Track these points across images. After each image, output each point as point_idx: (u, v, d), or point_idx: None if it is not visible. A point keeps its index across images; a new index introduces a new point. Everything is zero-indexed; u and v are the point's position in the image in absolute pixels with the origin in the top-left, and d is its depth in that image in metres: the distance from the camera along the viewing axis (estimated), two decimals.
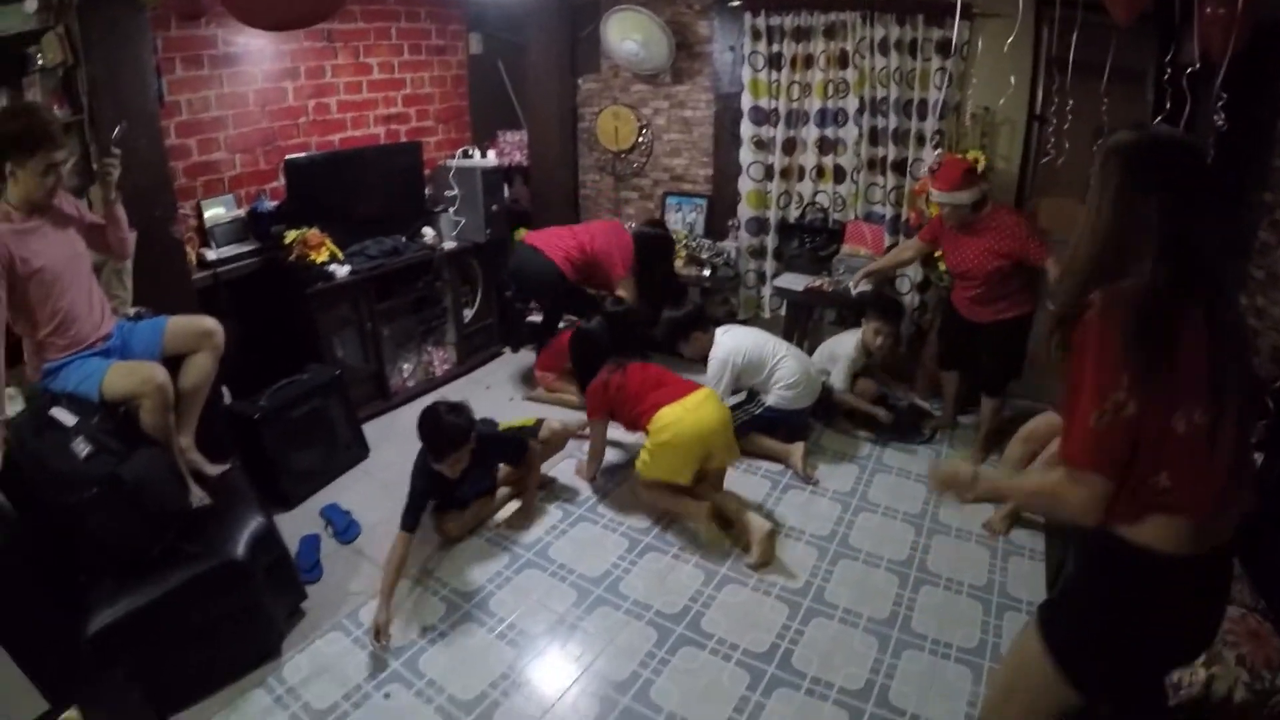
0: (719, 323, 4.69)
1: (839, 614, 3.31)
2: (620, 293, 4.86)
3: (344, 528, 3.86)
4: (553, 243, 4.97)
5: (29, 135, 2.76)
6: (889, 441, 4.69)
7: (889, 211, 5.01)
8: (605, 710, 2.90)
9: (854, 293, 4.73)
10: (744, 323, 5.18)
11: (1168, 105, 3.51)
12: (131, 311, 3.52)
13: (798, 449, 4.38)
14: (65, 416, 2.83)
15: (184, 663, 2.90)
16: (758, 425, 4.44)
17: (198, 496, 3.16)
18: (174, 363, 3.25)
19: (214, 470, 3.39)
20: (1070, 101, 3.75)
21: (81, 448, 2.76)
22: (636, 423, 3.93)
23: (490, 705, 2.93)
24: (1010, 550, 3.68)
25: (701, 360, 4.48)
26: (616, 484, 4.32)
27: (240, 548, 2.96)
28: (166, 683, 2.85)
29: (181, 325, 3.32)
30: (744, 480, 4.29)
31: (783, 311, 5.39)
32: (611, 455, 4.51)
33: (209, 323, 3.35)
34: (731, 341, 4.37)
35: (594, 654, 3.15)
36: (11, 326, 2.91)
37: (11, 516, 2.69)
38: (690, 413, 3.76)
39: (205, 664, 2.95)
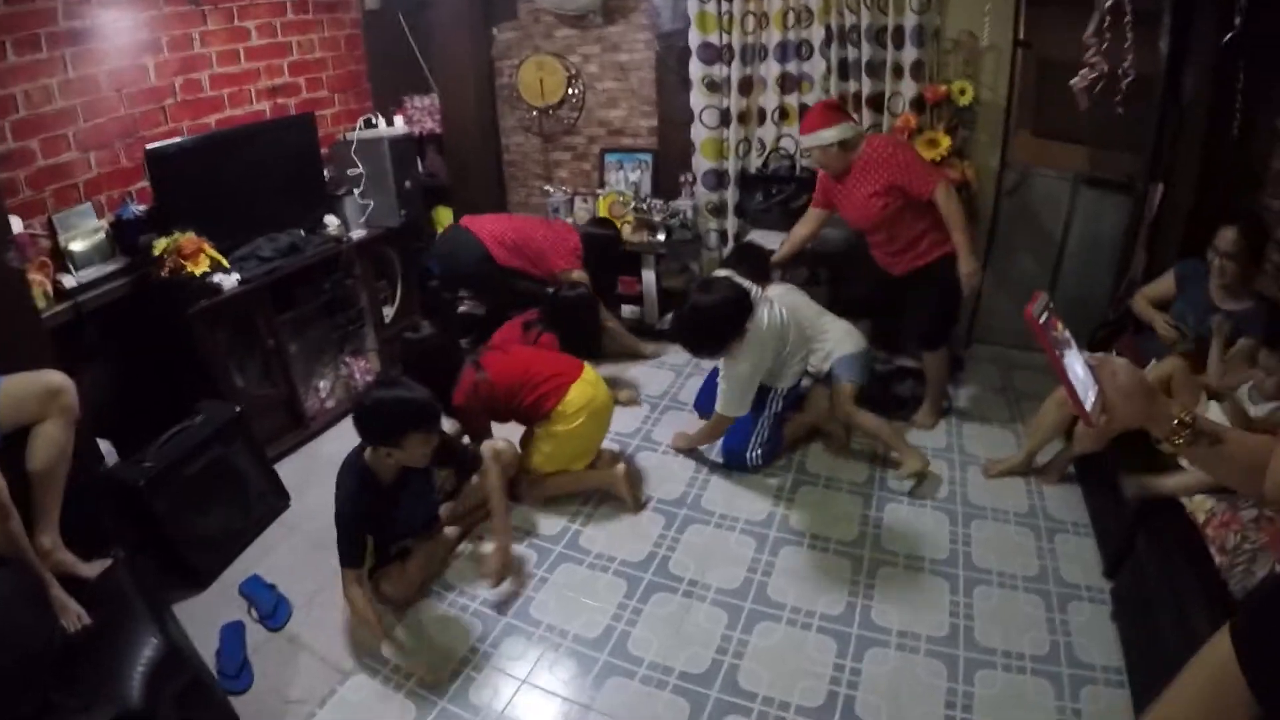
0: None
1: (894, 638, 2.84)
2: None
3: (271, 609, 3.14)
4: (484, 225, 4.50)
5: None
6: None
7: None
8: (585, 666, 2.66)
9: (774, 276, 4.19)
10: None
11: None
12: None
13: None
14: None
15: None
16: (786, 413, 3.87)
17: (74, 617, 2.44)
18: (20, 438, 2.56)
19: (92, 571, 2.67)
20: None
21: None
22: (536, 410, 3.52)
23: None
24: (1053, 528, 3.33)
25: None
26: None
27: (135, 687, 2.23)
28: None
29: (17, 389, 2.58)
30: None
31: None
32: None
33: (53, 379, 2.62)
34: (758, 354, 3.52)
35: None
36: None
37: None
38: (596, 385, 3.59)
39: None
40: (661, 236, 4.82)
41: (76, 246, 3.59)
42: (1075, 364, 1.43)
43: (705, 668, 2.74)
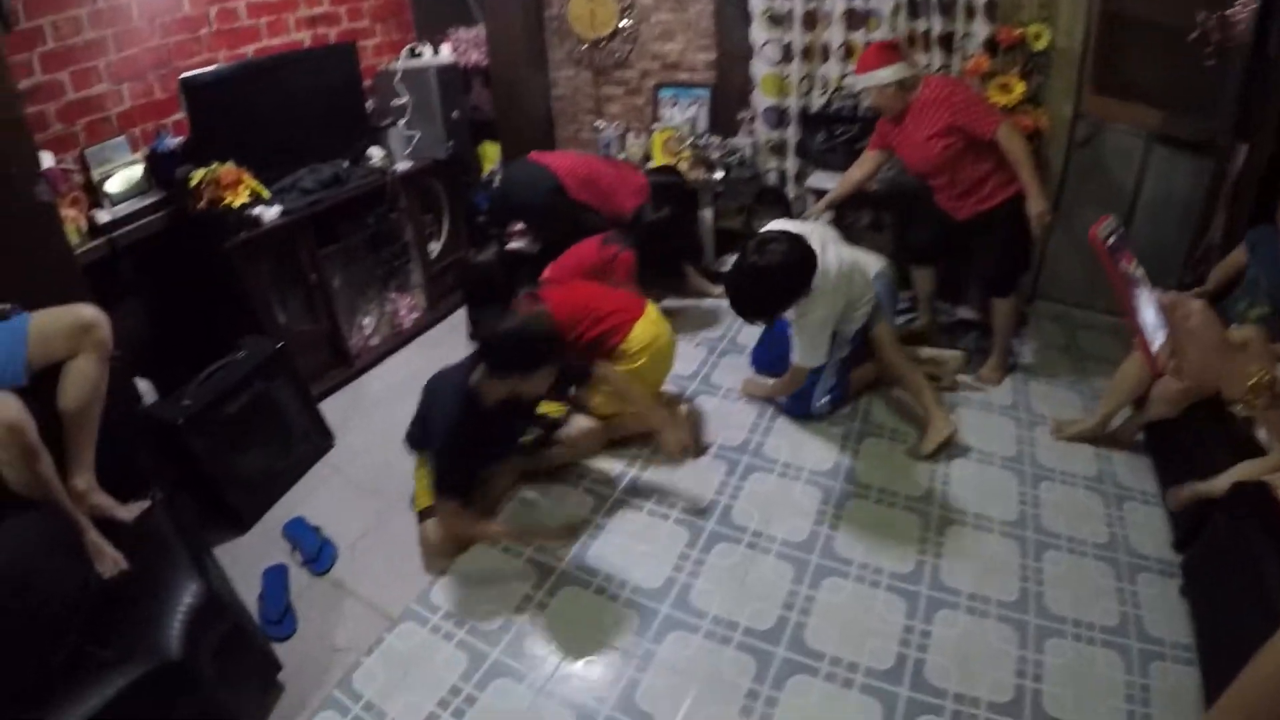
0: None
1: (964, 600, 2.70)
2: None
3: (315, 553, 3.00)
4: (554, 158, 4.30)
5: None
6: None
7: None
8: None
9: (814, 220, 3.88)
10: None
11: None
12: None
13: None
14: None
15: None
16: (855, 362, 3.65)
17: (110, 562, 2.29)
18: (52, 377, 2.39)
19: (130, 513, 2.52)
20: None
21: None
22: (600, 346, 3.36)
23: None
24: (1122, 495, 3.14)
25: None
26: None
27: (174, 636, 2.08)
28: None
29: (48, 324, 2.40)
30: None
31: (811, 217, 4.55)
32: None
33: (86, 313, 2.44)
34: (830, 302, 3.28)
35: None
36: None
37: None
38: (659, 325, 3.48)
39: None
40: (719, 175, 4.59)
41: (110, 181, 3.43)
42: (1145, 303, 1.26)
43: (771, 624, 2.61)
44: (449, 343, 4.33)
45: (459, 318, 4.69)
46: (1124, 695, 2.32)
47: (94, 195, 3.41)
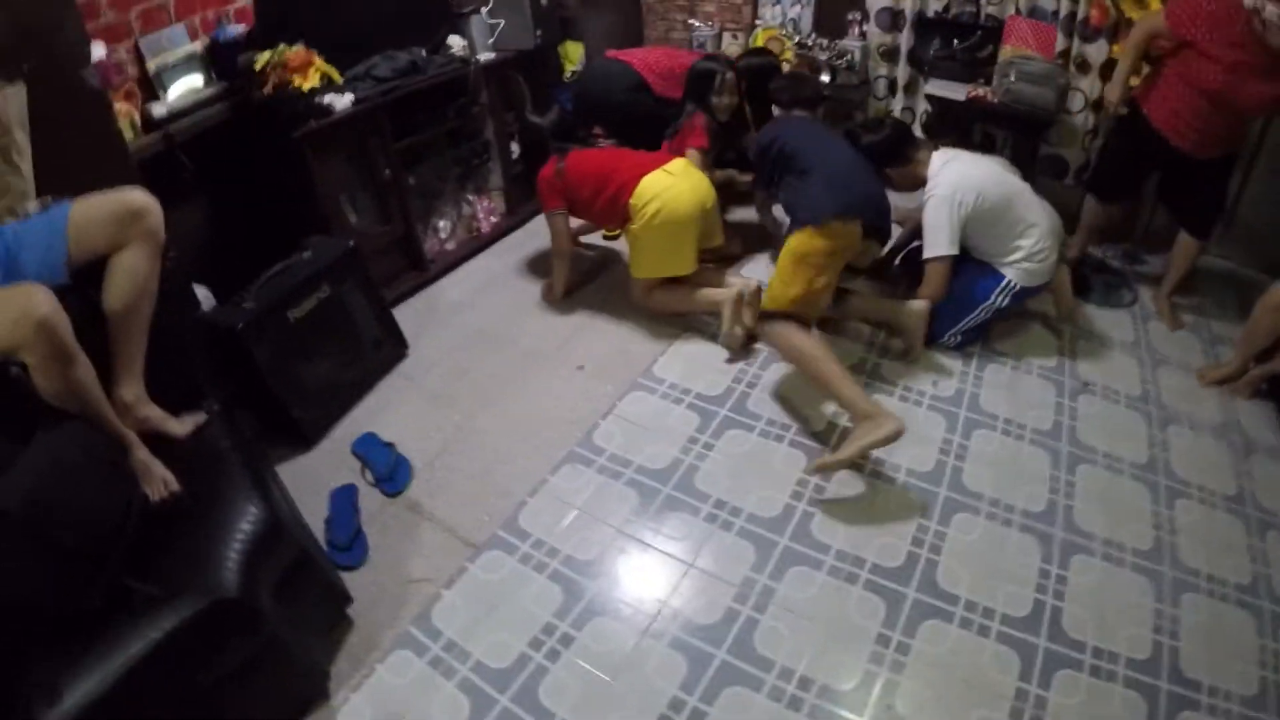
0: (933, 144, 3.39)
1: (1099, 546, 2.45)
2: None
3: (388, 471, 2.70)
4: (634, 55, 3.98)
5: None
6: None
7: (1063, 7, 3.82)
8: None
9: (1114, 113, 3.40)
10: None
11: None
12: (33, 206, 2.24)
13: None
14: None
15: None
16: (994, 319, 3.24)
17: (159, 483, 1.99)
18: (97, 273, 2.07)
19: (184, 428, 2.20)
20: None
21: None
22: (613, 205, 3.23)
23: None
24: (1249, 446, 2.86)
25: (907, 192, 3.26)
26: None
27: (231, 569, 1.80)
28: None
29: (93, 211, 2.07)
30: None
31: (919, 131, 4.29)
32: None
33: (135, 199, 2.09)
34: (957, 174, 3.01)
35: None
36: None
37: None
38: (681, 178, 3.18)
39: None
40: (826, 78, 4.24)
41: (167, 72, 3.12)
42: None
43: (900, 562, 2.34)
44: (530, 248, 4.01)
45: (539, 224, 4.22)
46: (1257, 660, 2.10)
47: (148, 89, 3.10)
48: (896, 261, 3.60)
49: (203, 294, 2.93)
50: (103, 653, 1.64)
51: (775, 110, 3.66)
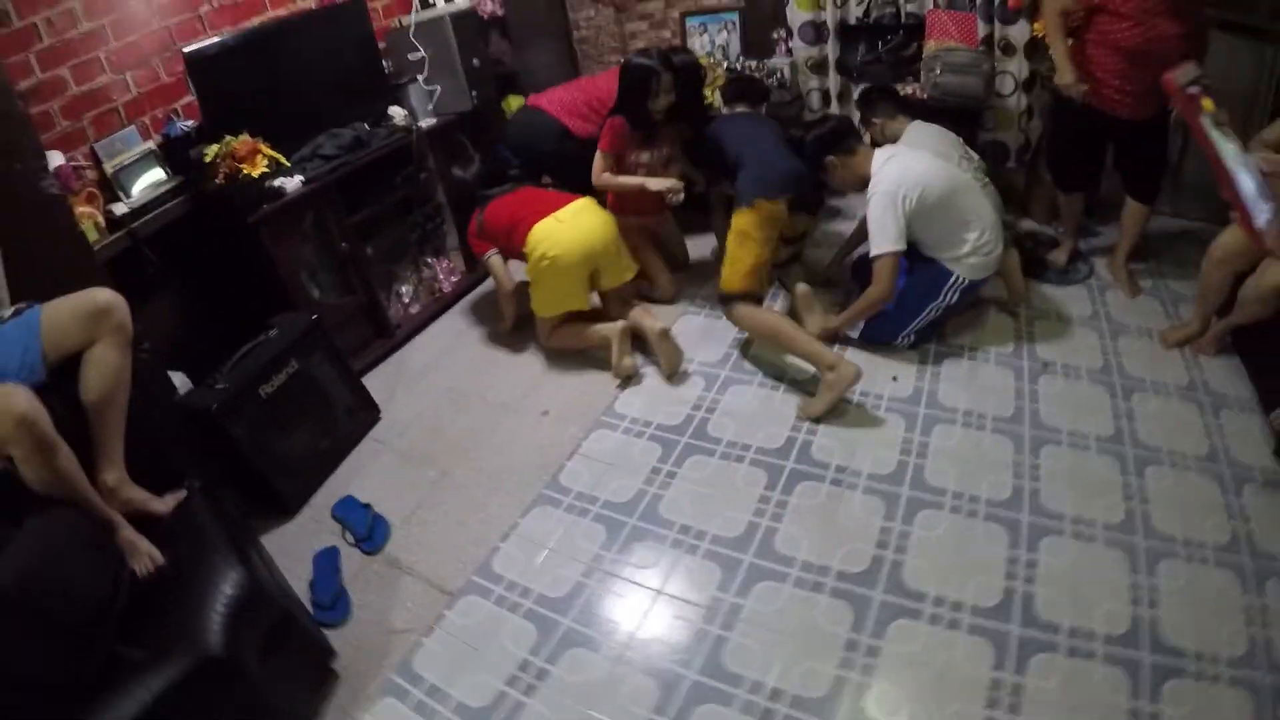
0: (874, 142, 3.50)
1: (1069, 525, 2.44)
2: None
3: (366, 531, 2.77)
4: (553, 97, 4.01)
5: None
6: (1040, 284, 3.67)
7: None
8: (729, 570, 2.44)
9: (1078, 94, 3.29)
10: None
11: None
12: (7, 313, 2.34)
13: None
14: None
15: None
16: (949, 315, 3.29)
17: (145, 558, 2.09)
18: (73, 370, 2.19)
19: (164, 506, 2.30)
20: None
21: None
22: (517, 251, 3.46)
23: None
24: (1217, 403, 2.86)
25: (852, 192, 3.36)
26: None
27: (215, 630, 1.87)
28: None
29: (62, 312, 2.18)
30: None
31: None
32: None
33: (101, 297, 2.21)
34: (900, 170, 3.05)
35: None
36: None
37: None
38: (565, 224, 3.34)
39: None
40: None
41: (124, 173, 3.22)
42: (1244, 170, 0.94)
43: (865, 566, 2.35)
44: (492, 305, 4.07)
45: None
46: (1243, 619, 2.09)
47: (109, 190, 3.21)
48: (846, 261, 3.70)
49: (179, 379, 3.01)
50: (98, 716, 1.70)
51: (722, 108, 3.79)
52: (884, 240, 3.02)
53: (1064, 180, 3.61)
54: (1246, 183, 0.92)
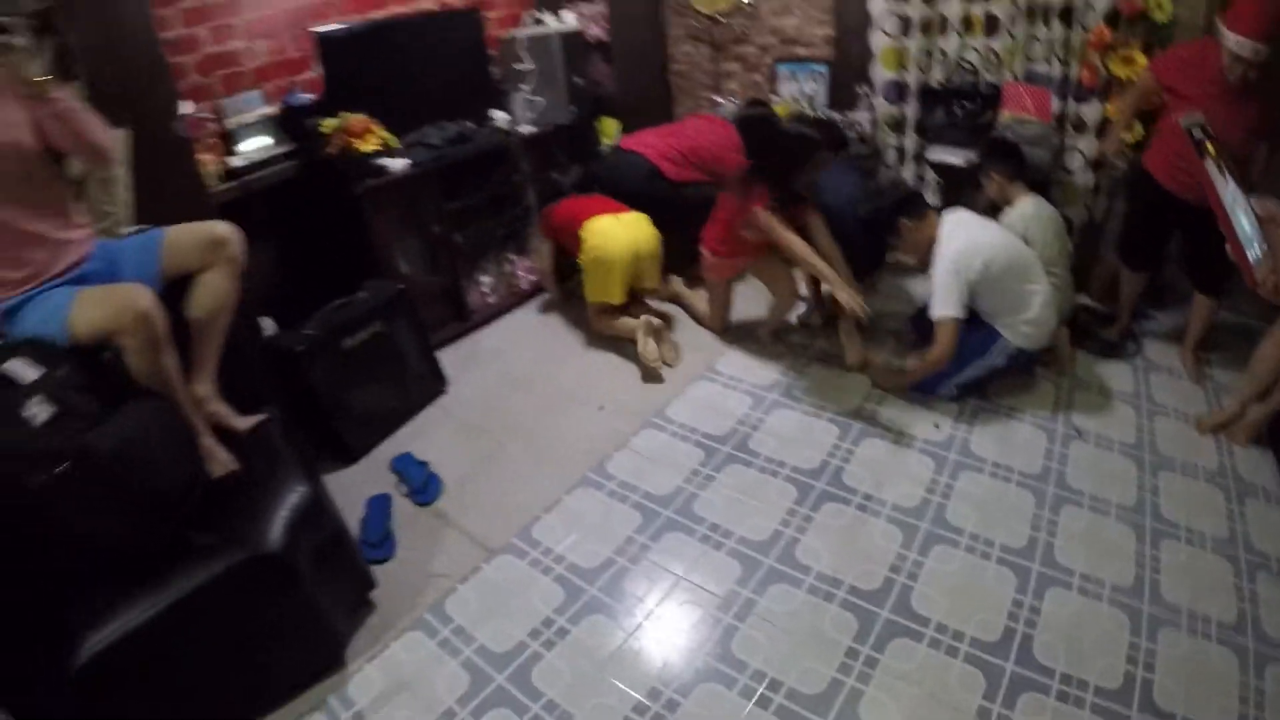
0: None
1: (1077, 580, 2.48)
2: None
3: (421, 485, 2.93)
4: (645, 141, 4.15)
5: None
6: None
7: (1055, 70, 3.87)
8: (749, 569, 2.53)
9: (1112, 161, 3.56)
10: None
11: None
12: (127, 231, 2.60)
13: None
14: (23, 371, 1.92)
15: (216, 688, 2.09)
16: (996, 376, 3.35)
17: (222, 463, 2.28)
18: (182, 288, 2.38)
19: (245, 424, 2.49)
20: None
21: (39, 410, 1.85)
22: (576, 238, 3.75)
23: None
24: (1243, 491, 2.84)
25: (919, 262, 3.34)
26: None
27: (275, 533, 2.05)
28: (190, 715, 2.05)
29: (184, 235, 2.39)
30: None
31: (928, 197, 4.39)
32: None
33: (220, 229, 2.41)
34: (969, 238, 3.14)
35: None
36: None
37: None
38: (622, 224, 3.68)
39: (242, 688, 2.14)
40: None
41: (244, 130, 3.48)
42: (1239, 209, 1.07)
43: (877, 585, 2.44)
44: (564, 307, 4.25)
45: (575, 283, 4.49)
46: (1238, 696, 2.10)
47: (227, 143, 3.46)
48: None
49: (267, 324, 3.22)
50: (153, 587, 1.89)
51: None
52: (946, 306, 3.10)
53: (1129, 257, 3.64)
54: (1242, 222, 1.00)
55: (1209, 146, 1.21)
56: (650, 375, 3.59)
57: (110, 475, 1.87)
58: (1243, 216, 1.06)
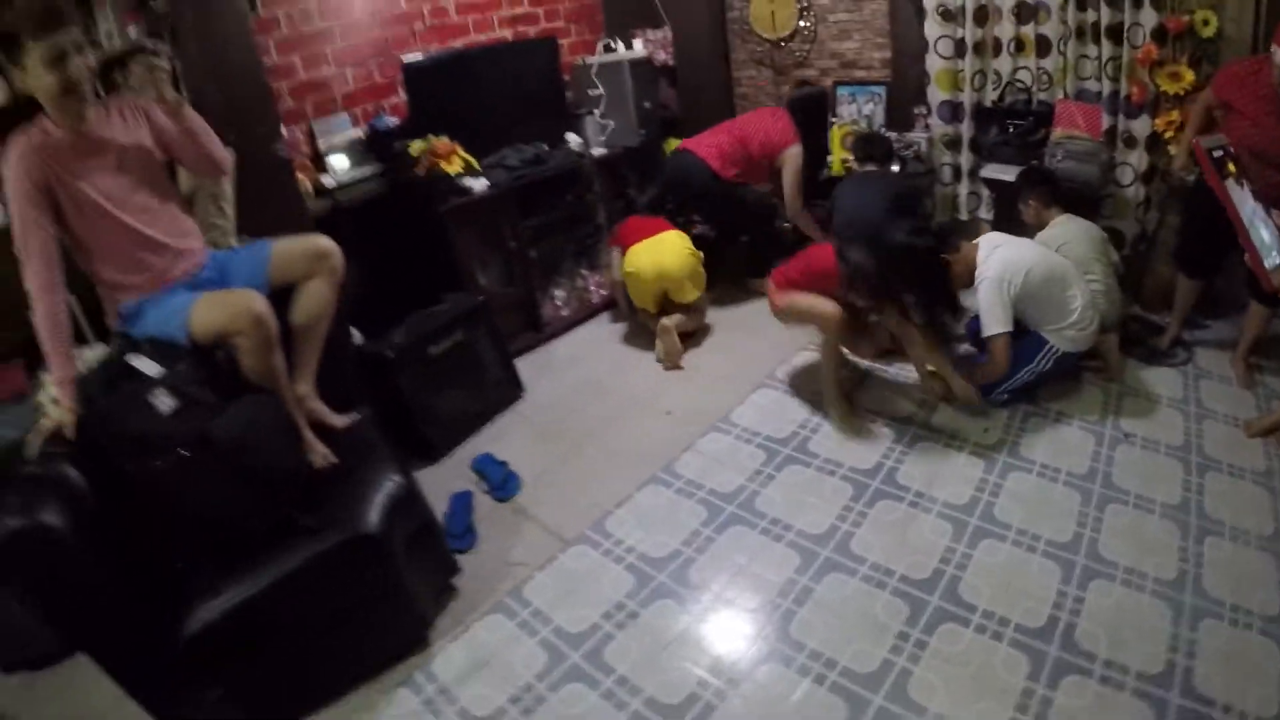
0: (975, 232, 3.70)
1: (1120, 573, 2.53)
2: (786, 169, 4.33)
3: (500, 482, 3.14)
4: (702, 141, 4.31)
5: (20, 20, 2.05)
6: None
7: (1105, 88, 3.94)
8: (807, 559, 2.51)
9: (1177, 173, 3.61)
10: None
11: None
12: (233, 243, 2.86)
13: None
14: (146, 365, 2.17)
15: (311, 659, 2.28)
16: (1045, 380, 3.45)
17: (320, 454, 2.49)
18: (287, 296, 2.59)
19: (340, 421, 2.71)
20: None
21: (164, 402, 2.09)
22: (624, 256, 4.12)
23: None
24: None
25: (965, 285, 3.44)
26: None
27: (373, 517, 2.25)
28: (290, 684, 2.24)
29: (290, 248, 2.62)
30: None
31: (981, 212, 4.53)
32: None
33: (323, 242, 2.64)
34: (1005, 257, 3.25)
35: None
36: (78, 263, 2.29)
37: (85, 495, 2.01)
38: (648, 253, 4.00)
39: (335, 661, 2.33)
40: (895, 168, 4.47)
41: (334, 151, 3.74)
42: (1259, 221, 1.19)
43: (927, 575, 2.55)
44: (632, 319, 4.44)
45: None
46: (1277, 684, 2.12)
47: (319, 163, 3.73)
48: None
49: (354, 333, 3.45)
50: (262, 563, 2.10)
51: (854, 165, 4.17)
52: (994, 323, 3.21)
53: (1186, 264, 3.66)
54: (1261, 232, 1.08)
55: (1230, 166, 1.28)
56: (670, 367, 3.97)
57: (228, 461, 2.08)
58: (1262, 228, 1.15)
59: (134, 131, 2.36)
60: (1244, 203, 1.08)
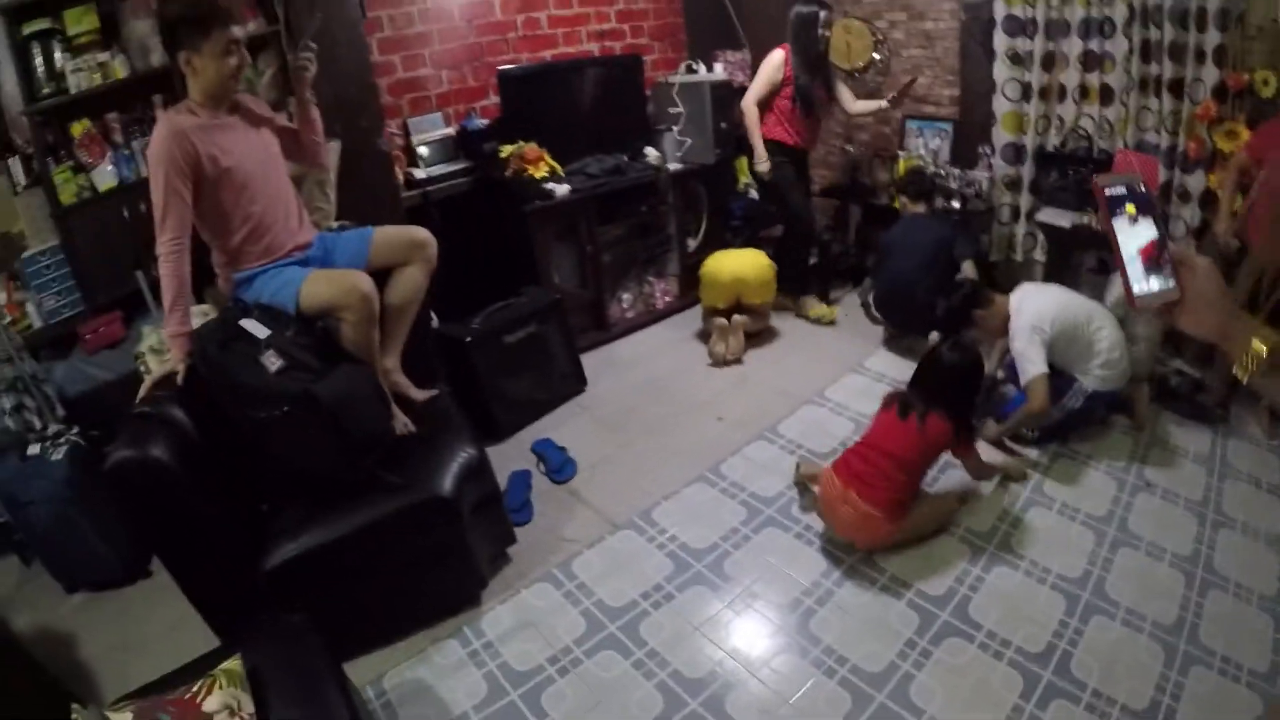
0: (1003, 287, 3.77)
1: (1121, 613, 2.63)
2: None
3: (559, 465, 3.39)
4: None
5: (197, 13, 2.33)
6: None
7: (1164, 140, 3.99)
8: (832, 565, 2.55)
9: (1224, 244, 3.62)
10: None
11: None
12: (334, 225, 3.12)
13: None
14: (256, 328, 2.39)
15: (373, 603, 2.55)
16: (1076, 422, 3.55)
17: (401, 422, 2.74)
18: (380, 278, 2.81)
19: (421, 395, 2.96)
20: None
21: (272, 362, 2.33)
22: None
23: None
24: None
25: (999, 335, 3.58)
26: None
27: (448, 481, 2.50)
28: (351, 624, 2.49)
29: (391, 235, 2.87)
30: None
31: (1036, 254, 4.61)
32: None
33: (421, 233, 2.89)
34: (1035, 305, 3.39)
35: None
36: (201, 233, 2.54)
37: (191, 434, 2.29)
38: (729, 257, 4.40)
39: (396, 607, 2.60)
40: (956, 204, 4.61)
41: (426, 147, 3.98)
42: (1135, 259, 1.27)
43: (941, 592, 2.70)
44: (693, 328, 4.68)
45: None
46: None
47: (412, 156, 3.99)
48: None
49: (432, 317, 3.65)
50: (345, 511, 2.36)
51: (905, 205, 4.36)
52: (1031, 367, 3.30)
53: None
54: (1135, 267, 1.16)
55: (1129, 207, 1.36)
56: (716, 364, 4.28)
57: (326, 419, 2.31)
58: (1138, 263, 1.25)
59: (263, 119, 2.65)
60: (1131, 240, 1.18)
